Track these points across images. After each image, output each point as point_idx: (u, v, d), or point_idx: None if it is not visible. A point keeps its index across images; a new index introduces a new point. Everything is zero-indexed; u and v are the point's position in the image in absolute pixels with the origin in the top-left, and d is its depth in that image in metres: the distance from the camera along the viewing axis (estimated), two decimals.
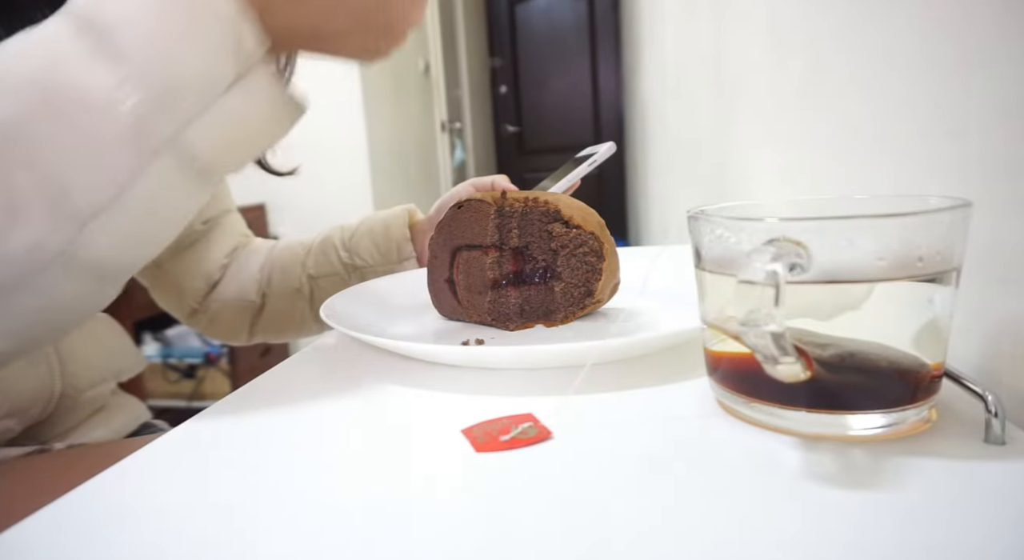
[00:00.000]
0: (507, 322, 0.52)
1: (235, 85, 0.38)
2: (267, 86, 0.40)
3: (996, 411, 0.29)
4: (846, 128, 0.59)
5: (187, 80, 0.37)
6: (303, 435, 0.35)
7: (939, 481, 0.27)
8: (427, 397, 0.40)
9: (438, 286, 0.56)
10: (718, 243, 0.32)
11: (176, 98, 0.37)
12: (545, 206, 0.52)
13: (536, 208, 0.52)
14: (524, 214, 0.52)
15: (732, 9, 1.04)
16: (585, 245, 0.51)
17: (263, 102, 0.40)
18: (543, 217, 0.52)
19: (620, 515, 0.26)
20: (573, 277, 0.51)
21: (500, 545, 0.24)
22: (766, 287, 0.26)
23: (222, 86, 0.38)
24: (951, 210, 0.29)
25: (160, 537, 0.26)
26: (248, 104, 0.39)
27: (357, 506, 0.28)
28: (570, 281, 0.51)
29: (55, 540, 0.26)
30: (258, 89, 0.40)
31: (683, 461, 0.30)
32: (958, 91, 0.41)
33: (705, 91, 1.30)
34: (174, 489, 0.30)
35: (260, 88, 0.40)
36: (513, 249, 0.53)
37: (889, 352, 0.30)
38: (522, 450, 0.32)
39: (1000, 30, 0.37)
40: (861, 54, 0.55)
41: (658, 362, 0.44)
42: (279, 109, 0.41)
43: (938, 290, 0.30)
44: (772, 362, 0.27)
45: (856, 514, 0.25)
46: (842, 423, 0.30)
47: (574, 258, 0.51)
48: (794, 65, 0.73)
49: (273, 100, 0.41)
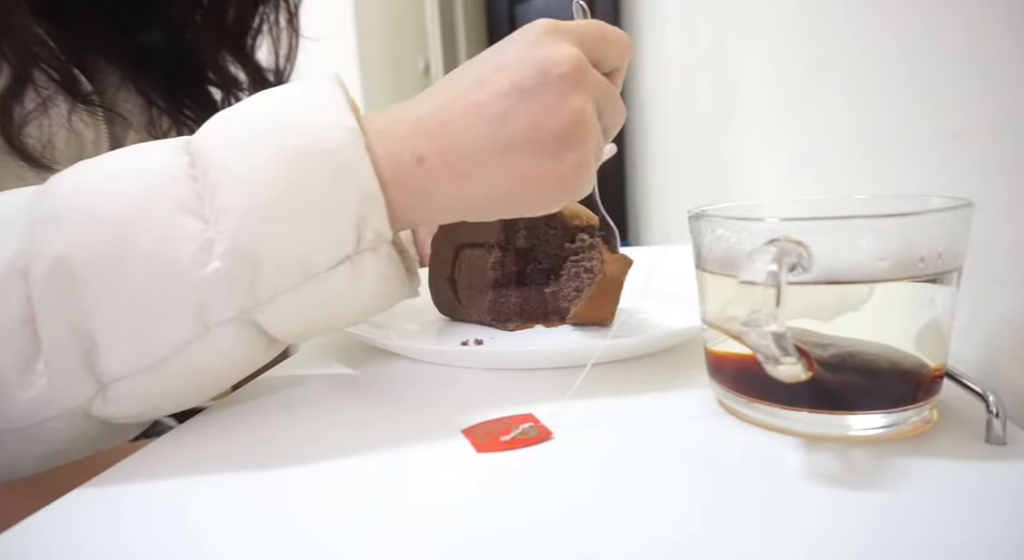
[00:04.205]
0: (507, 322, 0.52)
1: (343, 263, 0.34)
2: (380, 269, 0.35)
3: (997, 411, 0.29)
4: (847, 128, 0.59)
5: (285, 258, 0.32)
6: (303, 435, 0.35)
7: (940, 481, 0.27)
8: (427, 397, 0.40)
9: (439, 284, 0.56)
10: (719, 243, 0.32)
11: (265, 274, 0.32)
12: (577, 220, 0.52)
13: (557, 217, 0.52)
14: None
15: (732, 9, 1.04)
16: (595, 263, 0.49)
17: (369, 285, 0.35)
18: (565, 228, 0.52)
19: (621, 515, 0.26)
20: (566, 286, 0.51)
21: (501, 545, 0.24)
22: (767, 287, 0.26)
23: (325, 268, 0.33)
24: (953, 210, 0.29)
25: (160, 537, 0.26)
26: (351, 287, 0.34)
27: (358, 506, 0.28)
28: (564, 288, 0.51)
29: (55, 540, 0.26)
30: (368, 272, 0.34)
31: (684, 461, 0.30)
32: (958, 91, 0.41)
33: (705, 91, 1.30)
34: (174, 489, 0.30)
35: (370, 271, 0.34)
36: (517, 249, 0.53)
37: (890, 352, 0.30)
38: (523, 450, 0.32)
39: (1000, 30, 0.37)
40: (861, 54, 0.55)
41: (659, 362, 0.44)
42: (386, 293, 0.36)
43: (939, 290, 0.30)
44: (773, 362, 0.27)
45: (857, 514, 0.25)
46: (843, 423, 0.30)
47: (578, 268, 0.51)
48: (794, 65, 0.73)
49: (382, 282, 0.35)
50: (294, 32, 0.65)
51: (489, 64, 0.35)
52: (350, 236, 0.33)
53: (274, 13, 0.64)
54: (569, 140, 0.34)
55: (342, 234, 0.33)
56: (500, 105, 0.34)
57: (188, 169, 0.33)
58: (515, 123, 0.34)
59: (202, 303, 0.32)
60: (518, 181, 0.35)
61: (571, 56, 0.34)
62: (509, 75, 0.34)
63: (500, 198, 0.36)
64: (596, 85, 0.36)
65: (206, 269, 0.31)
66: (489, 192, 0.35)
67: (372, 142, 0.34)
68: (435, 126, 0.35)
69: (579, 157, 0.35)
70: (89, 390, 0.32)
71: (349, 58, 2.57)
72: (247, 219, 0.32)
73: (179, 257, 0.31)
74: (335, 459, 0.32)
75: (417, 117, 0.35)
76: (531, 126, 0.34)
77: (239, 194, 0.32)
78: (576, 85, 0.34)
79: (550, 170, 0.35)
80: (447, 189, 0.35)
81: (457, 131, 0.34)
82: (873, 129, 0.53)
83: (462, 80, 0.36)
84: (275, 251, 0.32)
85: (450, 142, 0.34)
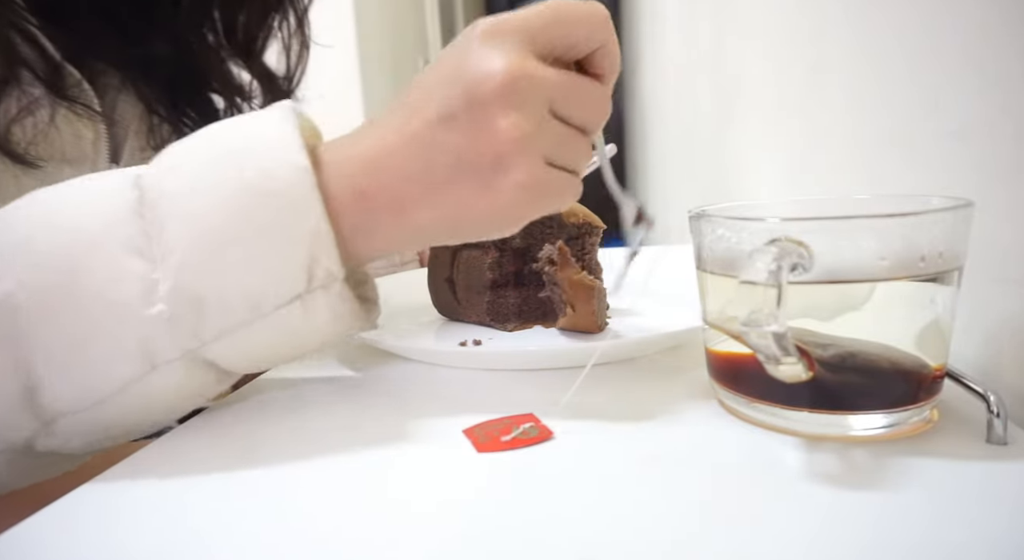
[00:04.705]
0: (505, 322, 0.52)
1: (293, 302, 0.33)
2: (331, 307, 0.34)
3: (998, 411, 0.29)
4: (847, 129, 0.59)
5: (231, 297, 0.32)
6: (302, 435, 0.35)
7: (941, 481, 0.27)
8: (427, 397, 0.40)
9: (438, 285, 0.56)
10: (719, 243, 0.32)
11: (209, 313, 0.32)
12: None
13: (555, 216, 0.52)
14: None
15: (732, 9, 1.04)
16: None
17: (320, 322, 0.34)
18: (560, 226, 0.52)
19: (621, 515, 0.26)
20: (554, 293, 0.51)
21: (501, 545, 0.24)
22: (768, 287, 0.26)
23: (274, 307, 0.33)
24: (953, 210, 0.29)
25: (159, 537, 0.26)
26: (301, 324, 0.34)
27: (358, 506, 0.28)
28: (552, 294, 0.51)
29: (55, 540, 0.26)
30: (319, 310, 0.34)
31: (684, 461, 0.30)
32: (958, 91, 0.41)
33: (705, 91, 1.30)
34: (173, 489, 0.30)
35: (321, 309, 0.34)
36: (514, 249, 0.52)
37: (891, 352, 0.30)
38: (523, 450, 0.32)
39: (1000, 30, 0.37)
40: (861, 54, 0.55)
41: (659, 362, 0.44)
42: (338, 328, 0.35)
43: (940, 290, 0.30)
44: (774, 362, 0.27)
45: (858, 514, 0.25)
46: (844, 423, 0.30)
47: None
48: (794, 65, 0.73)
49: (335, 319, 0.35)
50: (303, 37, 0.64)
51: (426, 82, 0.34)
52: (301, 276, 0.33)
53: (284, 19, 0.63)
54: (501, 165, 0.32)
55: (292, 274, 0.32)
56: (429, 135, 0.33)
57: (136, 206, 0.32)
58: (444, 154, 0.33)
59: (147, 343, 0.32)
60: (459, 210, 0.34)
61: (499, 71, 0.31)
62: (436, 101, 0.33)
63: (447, 229, 0.35)
64: (541, 89, 0.32)
65: (151, 311, 0.31)
66: (433, 224, 0.34)
67: (326, 178, 0.33)
68: (374, 160, 0.34)
69: (517, 179, 0.32)
70: (31, 426, 0.32)
71: (349, 58, 2.57)
72: (192, 258, 0.31)
73: (124, 299, 0.31)
74: (335, 459, 0.32)
75: (362, 151, 0.34)
76: (457, 156, 0.32)
77: (185, 232, 0.31)
78: (506, 101, 0.31)
79: (487, 199, 0.33)
80: (390, 224, 0.34)
81: (395, 165, 0.33)
82: (873, 129, 0.53)
83: (404, 106, 0.34)
84: (220, 290, 0.32)
85: (387, 178, 0.33)
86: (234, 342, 0.33)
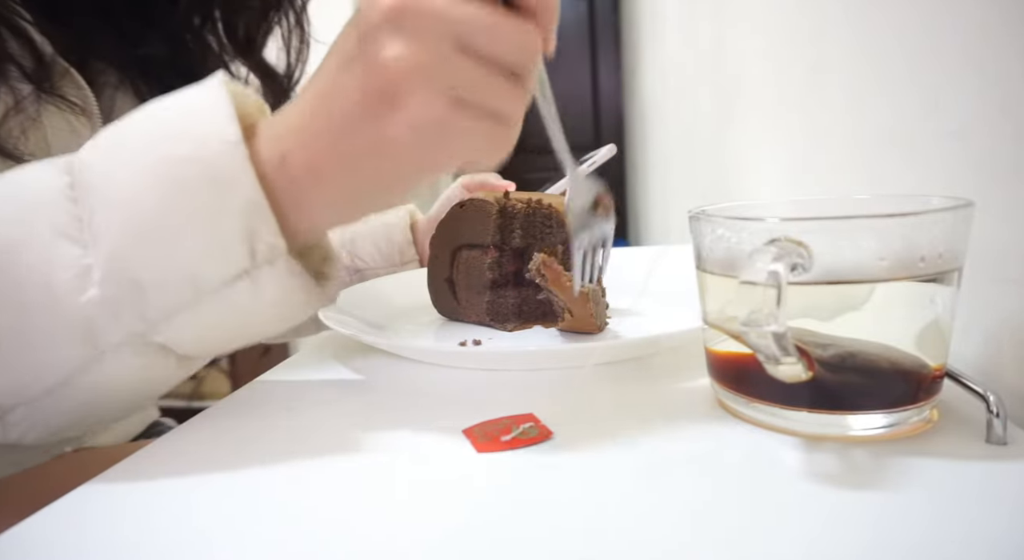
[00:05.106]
0: (505, 322, 0.52)
1: (240, 279, 0.32)
2: (280, 282, 0.33)
3: (998, 411, 0.29)
4: (847, 128, 0.59)
5: (169, 276, 0.31)
6: (303, 436, 0.35)
7: (940, 481, 0.27)
8: (427, 397, 0.40)
9: (437, 285, 0.56)
10: (719, 243, 0.32)
11: (149, 294, 0.31)
12: (549, 209, 0.52)
13: (540, 209, 0.52)
14: (528, 216, 0.52)
15: (732, 9, 1.04)
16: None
17: (271, 299, 0.33)
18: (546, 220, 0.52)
19: (621, 515, 0.26)
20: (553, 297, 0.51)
21: (502, 545, 0.24)
22: (768, 287, 0.26)
23: (217, 285, 0.32)
24: (953, 210, 0.29)
25: (159, 537, 0.26)
26: (251, 303, 0.33)
27: (359, 505, 0.28)
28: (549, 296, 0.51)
29: (59, 538, 0.26)
30: (268, 286, 0.33)
31: (684, 461, 0.30)
32: (958, 91, 0.41)
33: (705, 91, 1.30)
34: (176, 488, 0.30)
35: (270, 285, 0.33)
36: (514, 249, 0.53)
37: (891, 352, 0.30)
38: (523, 450, 0.32)
39: (1000, 30, 0.37)
40: (861, 54, 0.55)
41: (659, 362, 0.44)
42: (293, 304, 0.35)
43: (940, 290, 0.30)
44: (774, 362, 0.27)
45: (858, 514, 0.25)
46: (843, 423, 0.30)
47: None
48: (794, 65, 0.73)
49: (287, 295, 0.34)
50: (302, 33, 0.64)
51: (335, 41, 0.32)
52: (242, 251, 0.32)
53: (283, 16, 0.63)
54: (392, 97, 0.29)
55: (232, 249, 0.31)
56: (330, 84, 0.31)
57: (67, 191, 0.32)
58: (342, 100, 0.30)
59: (87, 329, 0.31)
60: (363, 160, 0.31)
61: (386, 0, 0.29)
62: (336, 47, 0.31)
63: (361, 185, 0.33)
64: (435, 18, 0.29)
65: (84, 296, 0.30)
66: (347, 181, 0.33)
67: (257, 148, 0.32)
68: (296, 125, 0.32)
69: (411, 115, 0.29)
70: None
71: None
72: (124, 241, 0.31)
73: (56, 285, 0.30)
74: (336, 459, 0.32)
75: (286, 118, 0.33)
76: (352, 99, 0.30)
77: (115, 215, 0.31)
78: (395, 27, 0.28)
79: (382, 138, 0.30)
80: (313, 191, 0.33)
81: (305, 125, 0.32)
82: (873, 129, 0.53)
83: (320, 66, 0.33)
84: (157, 270, 0.31)
85: (304, 138, 0.32)
86: (183, 324, 0.32)
